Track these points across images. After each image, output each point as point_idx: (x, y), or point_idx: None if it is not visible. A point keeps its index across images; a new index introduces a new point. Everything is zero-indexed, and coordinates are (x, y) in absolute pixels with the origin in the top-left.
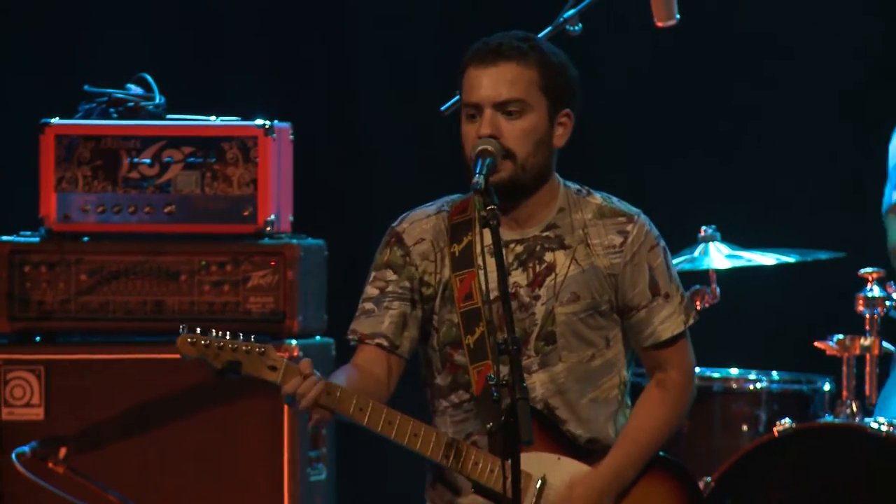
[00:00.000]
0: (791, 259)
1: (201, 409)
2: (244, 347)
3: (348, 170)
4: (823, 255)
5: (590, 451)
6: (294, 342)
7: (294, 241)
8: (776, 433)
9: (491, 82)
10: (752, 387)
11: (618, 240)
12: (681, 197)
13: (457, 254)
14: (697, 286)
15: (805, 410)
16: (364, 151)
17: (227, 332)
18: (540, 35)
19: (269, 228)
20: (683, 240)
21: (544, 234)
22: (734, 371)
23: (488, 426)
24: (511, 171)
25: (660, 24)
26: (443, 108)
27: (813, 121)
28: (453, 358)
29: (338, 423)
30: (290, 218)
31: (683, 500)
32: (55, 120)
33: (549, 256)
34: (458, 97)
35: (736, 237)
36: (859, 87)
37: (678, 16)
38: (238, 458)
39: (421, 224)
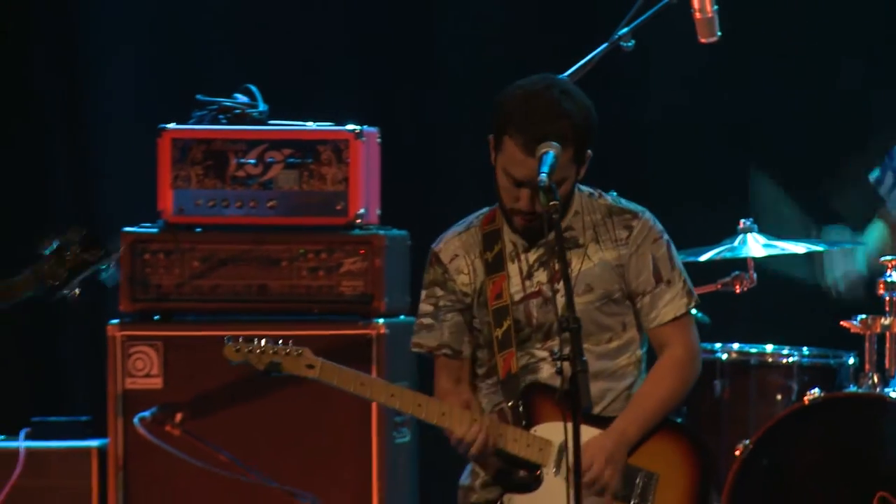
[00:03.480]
0: (819, 248)
1: (301, 380)
2: (284, 351)
3: (430, 168)
4: (848, 245)
5: (603, 419)
6: (381, 321)
7: (381, 231)
8: (806, 402)
9: (534, 171)
10: (785, 361)
11: (624, 234)
12: (721, 192)
13: (489, 259)
14: (737, 272)
15: (832, 382)
16: (444, 152)
17: (267, 339)
18: (593, 54)
19: (358, 220)
20: (724, 231)
21: (551, 230)
22: (769, 347)
23: (510, 402)
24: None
25: (703, 41)
26: None
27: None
28: (491, 352)
29: (423, 391)
30: (378, 211)
31: (691, 457)
32: (171, 125)
33: (566, 254)
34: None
35: (772, 228)
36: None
37: (719, 33)
38: (332, 423)
39: (453, 242)
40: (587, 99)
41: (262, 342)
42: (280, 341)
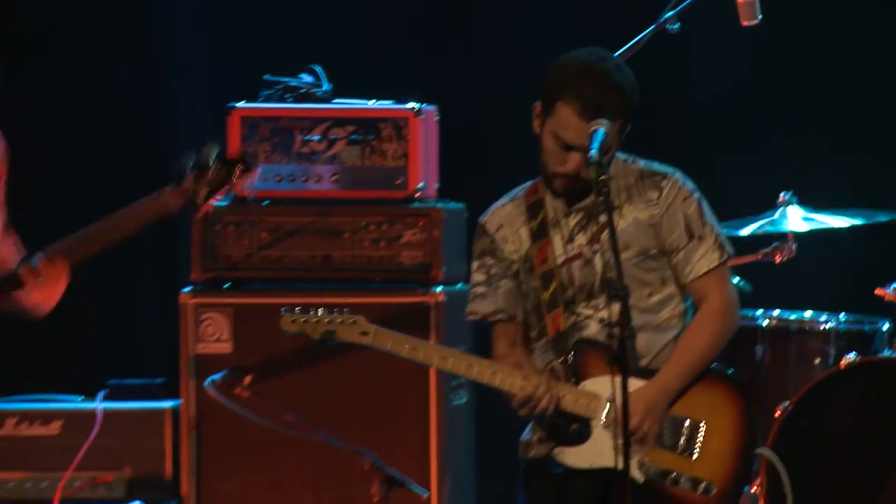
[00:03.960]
0: (857, 221)
1: (360, 346)
2: (338, 319)
3: (485, 144)
4: (883, 217)
5: (649, 371)
6: (439, 289)
7: (439, 204)
8: (843, 366)
9: (586, 135)
10: (822, 327)
11: (654, 194)
12: (763, 167)
13: (534, 228)
14: (776, 243)
15: (867, 346)
16: (499, 129)
17: (322, 309)
18: (640, 36)
19: (418, 194)
20: (764, 204)
21: (599, 200)
22: (808, 314)
23: (560, 359)
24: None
25: (745, 24)
26: None
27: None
28: (540, 314)
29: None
30: (436, 185)
31: (736, 404)
32: (241, 104)
33: (602, 217)
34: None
35: (811, 201)
36: None
37: (760, 16)
38: (392, 386)
39: (499, 213)
40: (633, 75)
41: (318, 312)
42: (335, 310)
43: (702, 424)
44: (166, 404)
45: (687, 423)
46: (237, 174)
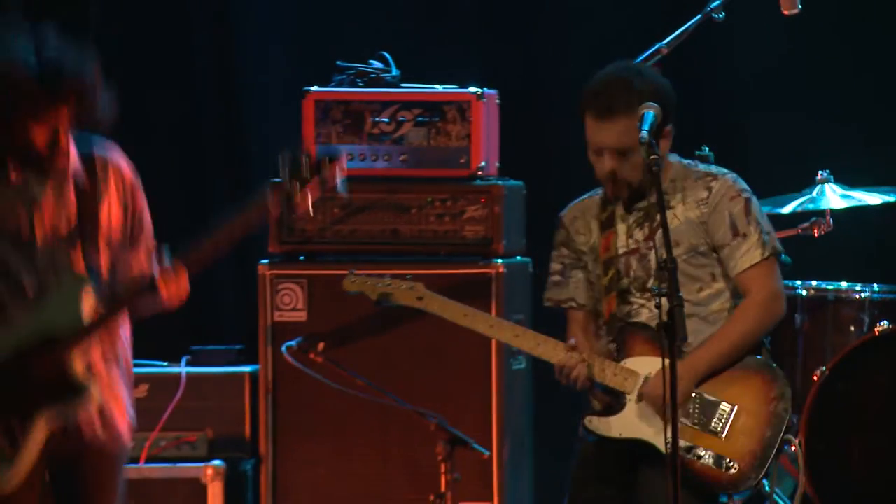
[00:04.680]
0: (891, 198)
1: (427, 314)
2: (396, 284)
3: (544, 126)
4: None
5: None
6: (500, 261)
7: (499, 182)
8: (877, 332)
9: (606, 135)
10: (857, 296)
11: (704, 194)
12: (801, 145)
13: (603, 219)
14: (814, 218)
15: None
16: (557, 111)
17: (386, 276)
18: (688, 24)
19: (480, 172)
20: (803, 181)
21: (656, 201)
22: (844, 284)
23: (611, 339)
24: (629, 190)
25: (786, 13)
26: None
27: None
28: (600, 300)
29: (536, 324)
30: (497, 164)
31: (766, 391)
32: (314, 88)
33: (658, 217)
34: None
35: (847, 179)
36: None
37: (800, 6)
38: (456, 351)
39: (576, 207)
40: (661, 79)
41: (380, 276)
42: (398, 277)
43: (734, 408)
44: (245, 369)
45: (720, 405)
46: (328, 171)
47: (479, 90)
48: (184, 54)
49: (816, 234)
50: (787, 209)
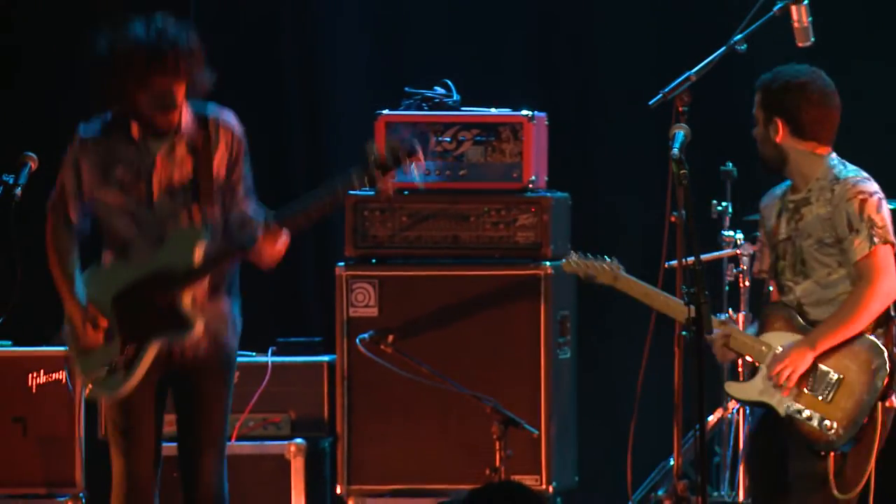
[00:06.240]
0: None
1: (485, 310)
2: (599, 267)
3: (588, 144)
4: None
5: (813, 324)
6: (548, 263)
7: (548, 194)
8: None
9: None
10: None
11: (829, 195)
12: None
13: (778, 208)
14: None
15: None
16: (602, 129)
17: (596, 257)
18: (714, 55)
19: (530, 185)
20: None
21: (802, 197)
22: None
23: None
24: (766, 168)
25: (800, 45)
26: (651, 103)
27: None
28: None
29: (579, 319)
30: (546, 178)
31: (869, 364)
32: (385, 111)
33: (802, 210)
34: (662, 95)
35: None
36: None
37: (813, 38)
38: (509, 342)
39: (769, 196)
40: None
41: (590, 257)
42: (605, 257)
43: (841, 378)
44: (324, 358)
45: (830, 375)
46: (406, 162)
47: (531, 113)
48: (274, 82)
49: None
50: None
